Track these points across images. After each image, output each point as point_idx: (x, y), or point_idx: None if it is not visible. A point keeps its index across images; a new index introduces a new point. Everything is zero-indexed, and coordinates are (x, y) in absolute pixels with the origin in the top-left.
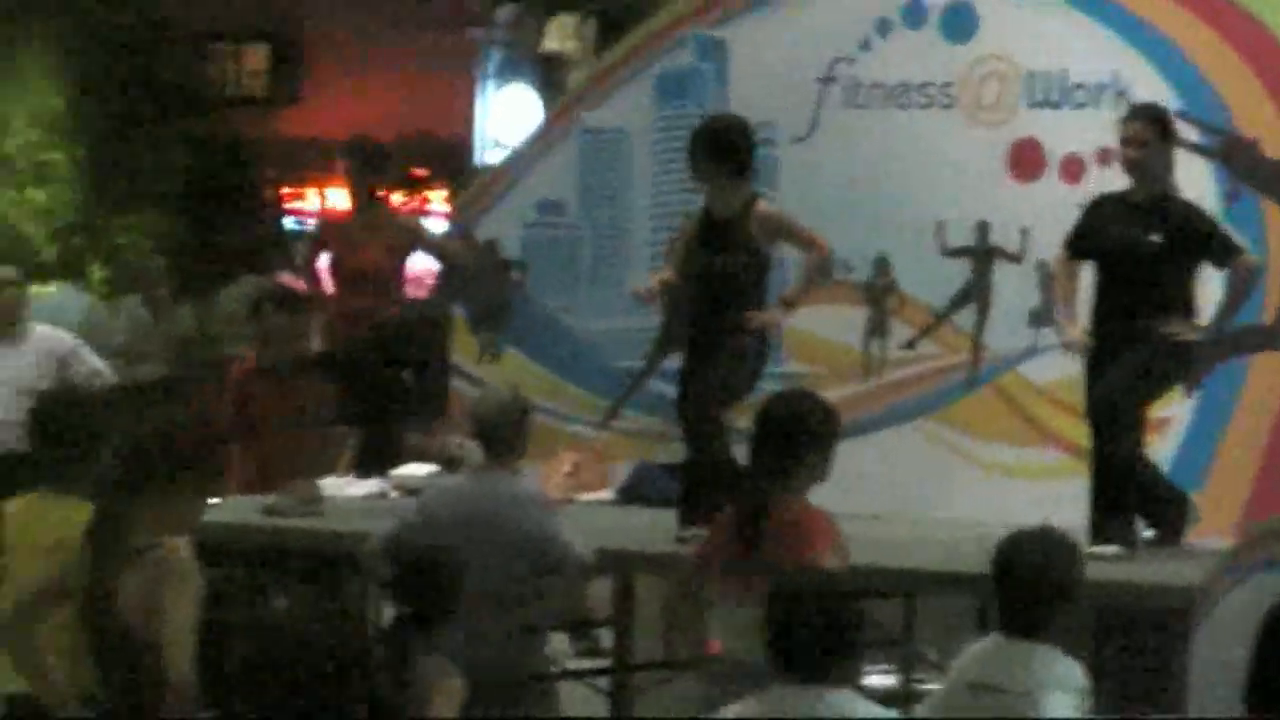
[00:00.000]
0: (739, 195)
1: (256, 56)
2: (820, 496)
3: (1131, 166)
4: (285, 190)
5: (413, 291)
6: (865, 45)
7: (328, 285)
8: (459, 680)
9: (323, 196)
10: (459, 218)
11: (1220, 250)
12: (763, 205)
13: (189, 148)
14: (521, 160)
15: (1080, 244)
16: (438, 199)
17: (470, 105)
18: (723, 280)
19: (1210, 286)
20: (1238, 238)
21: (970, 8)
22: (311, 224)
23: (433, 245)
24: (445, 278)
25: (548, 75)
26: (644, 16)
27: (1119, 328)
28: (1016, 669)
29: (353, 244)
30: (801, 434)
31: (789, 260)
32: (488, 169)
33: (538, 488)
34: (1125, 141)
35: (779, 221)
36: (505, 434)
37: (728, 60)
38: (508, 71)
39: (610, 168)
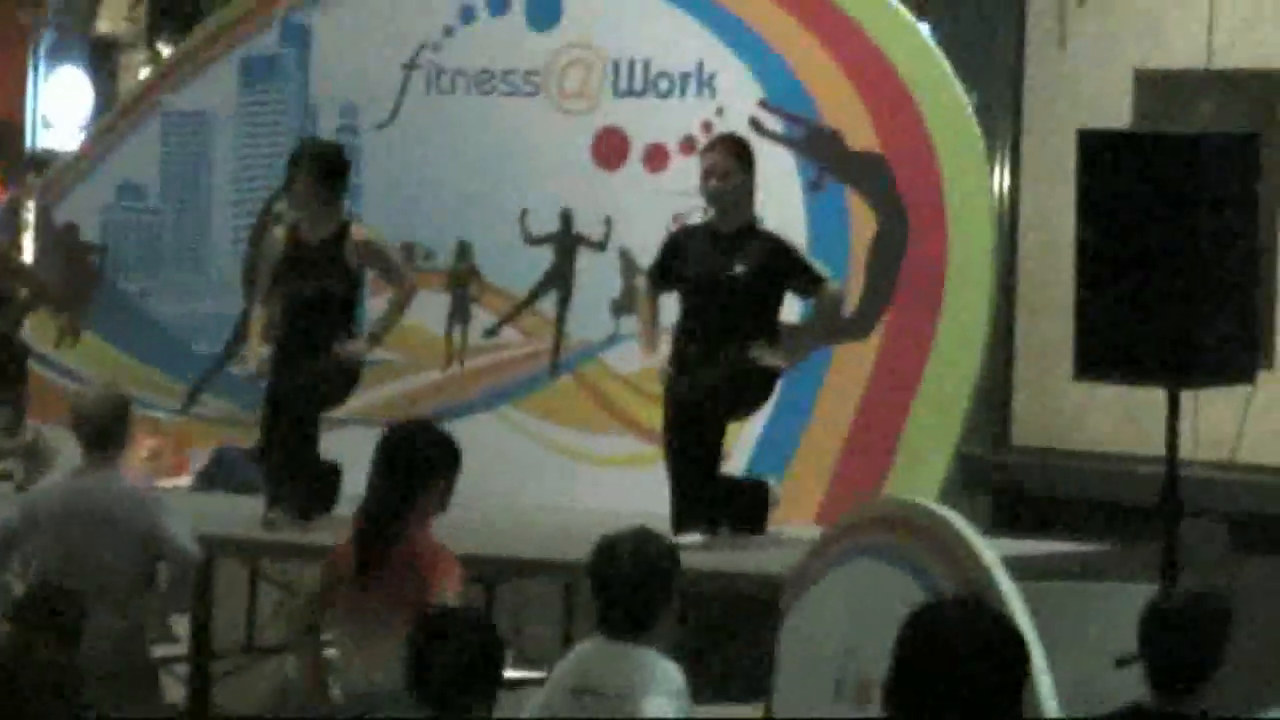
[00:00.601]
0: (333, 219)
1: None
2: None
3: (714, 197)
4: None
5: None
6: (449, 31)
7: None
8: None
9: None
10: (40, 199)
11: (805, 279)
12: (358, 230)
13: None
14: (100, 142)
15: (664, 274)
16: None
17: (22, 86)
18: (313, 305)
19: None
20: (821, 267)
21: None
22: None
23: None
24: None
25: (100, 57)
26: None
27: (702, 356)
28: (616, 671)
29: None
30: (421, 466)
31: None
32: (51, 152)
33: (145, 481)
34: (706, 173)
35: (374, 248)
36: (108, 430)
37: (312, 45)
38: (60, 53)
39: (192, 151)
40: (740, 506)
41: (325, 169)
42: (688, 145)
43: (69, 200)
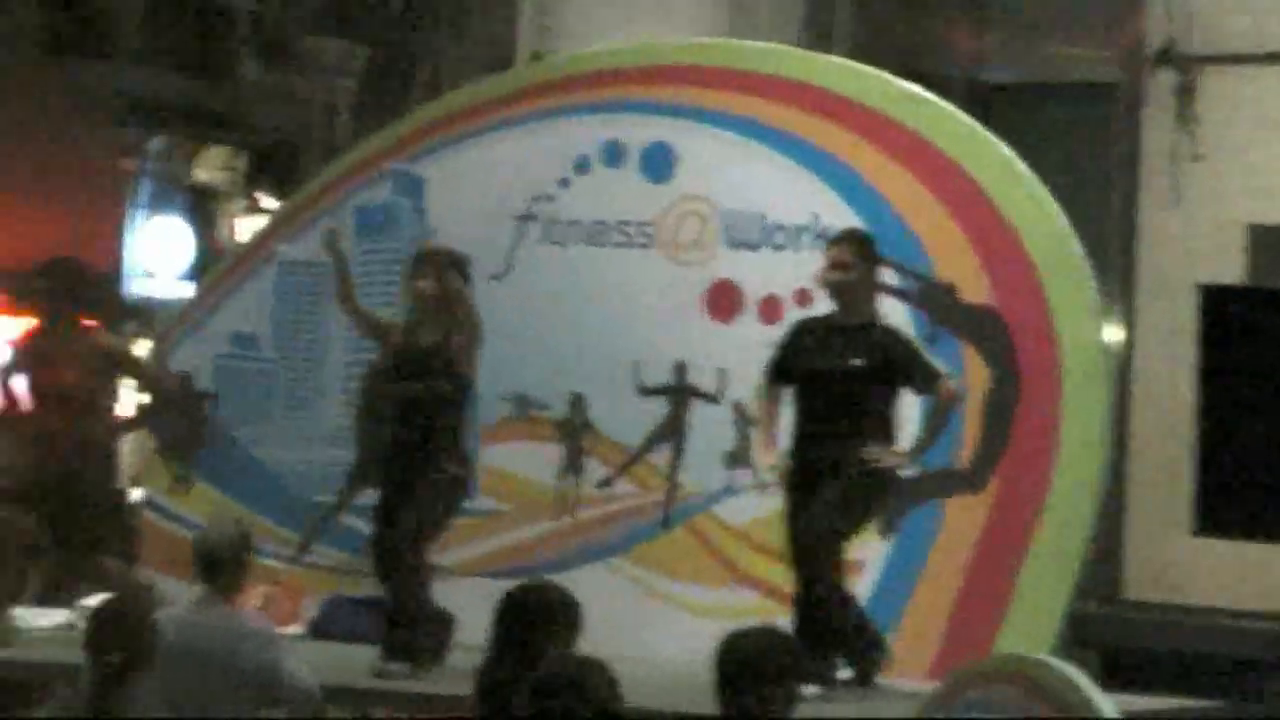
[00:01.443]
0: (442, 321)
1: None
2: None
3: (835, 290)
4: None
5: None
6: (564, 183)
7: (23, 403)
8: None
9: None
10: (155, 349)
11: (922, 375)
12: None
13: None
14: (214, 292)
15: (782, 367)
16: None
17: (120, 235)
18: (423, 408)
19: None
20: (938, 363)
21: (669, 148)
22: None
23: (134, 368)
24: (147, 406)
25: (199, 206)
26: (297, 150)
27: (820, 453)
28: None
29: (51, 363)
30: (543, 626)
31: None
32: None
33: (263, 620)
34: (830, 265)
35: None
36: (229, 566)
37: (425, 195)
38: (159, 201)
39: (306, 301)
40: (857, 648)
41: (456, 267)
42: (802, 297)
43: (183, 349)
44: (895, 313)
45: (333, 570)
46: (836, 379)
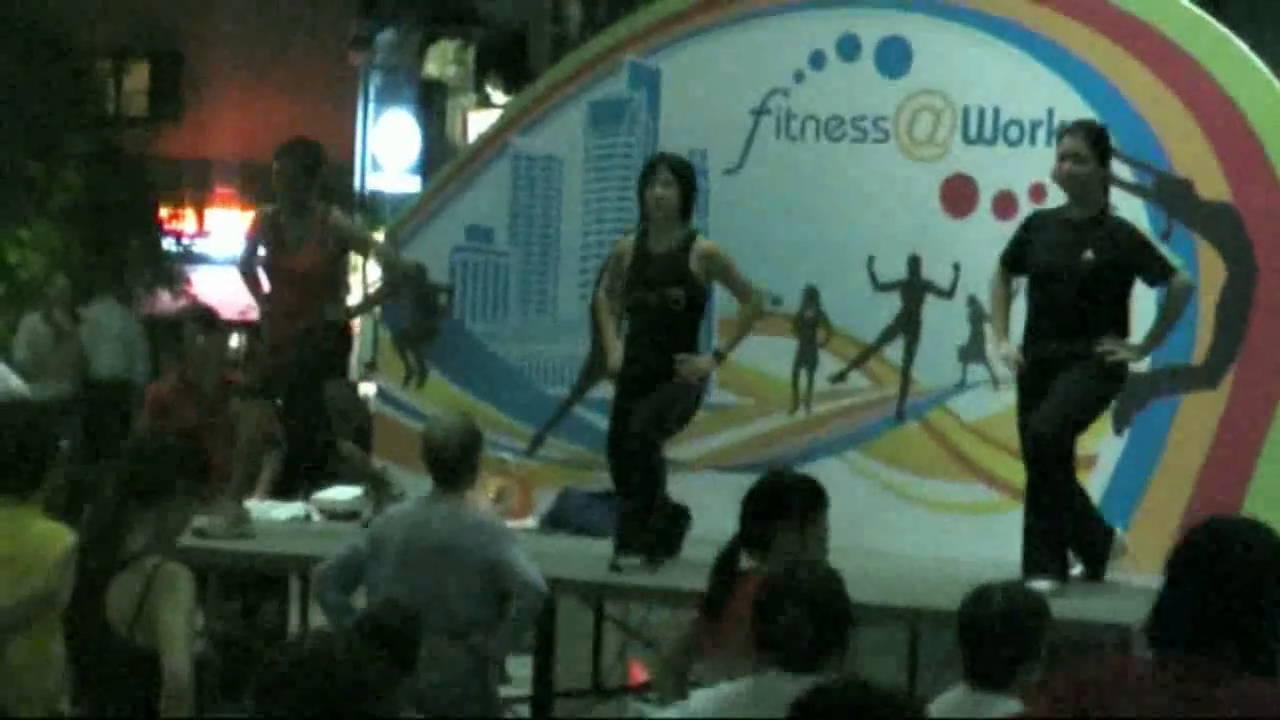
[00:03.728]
0: (680, 231)
1: (138, 75)
2: None
3: (1068, 180)
4: (165, 211)
5: None
6: (799, 77)
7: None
8: None
9: (201, 217)
10: (388, 240)
11: (1155, 268)
12: (704, 243)
13: (80, 164)
14: (450, 185)
15: (1015, 258)
16: None
17: (351, 127)
18: (660, 316)
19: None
20: (1172, 257)
21: (905, 42)
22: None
23: (367, 247)
24: (387, 288)
25: (428, 100)
26: (525, 44)
27: (1053, 347)
28: None
29: (287, 245)
30: (780, 507)
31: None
32: (379, 194)
33: (492, 514)
34: (1063, 155)
35: (720, 262)
36: (458, 461)
37: (661, 89)
38: (388, 95)
39: (541, 194)
40: (1090, 543)
41: (682, 177)
42: (1037, 192)
43: (418, 241)
44: (1131, 208)
45: (566, 463)
46: (1069, 273)
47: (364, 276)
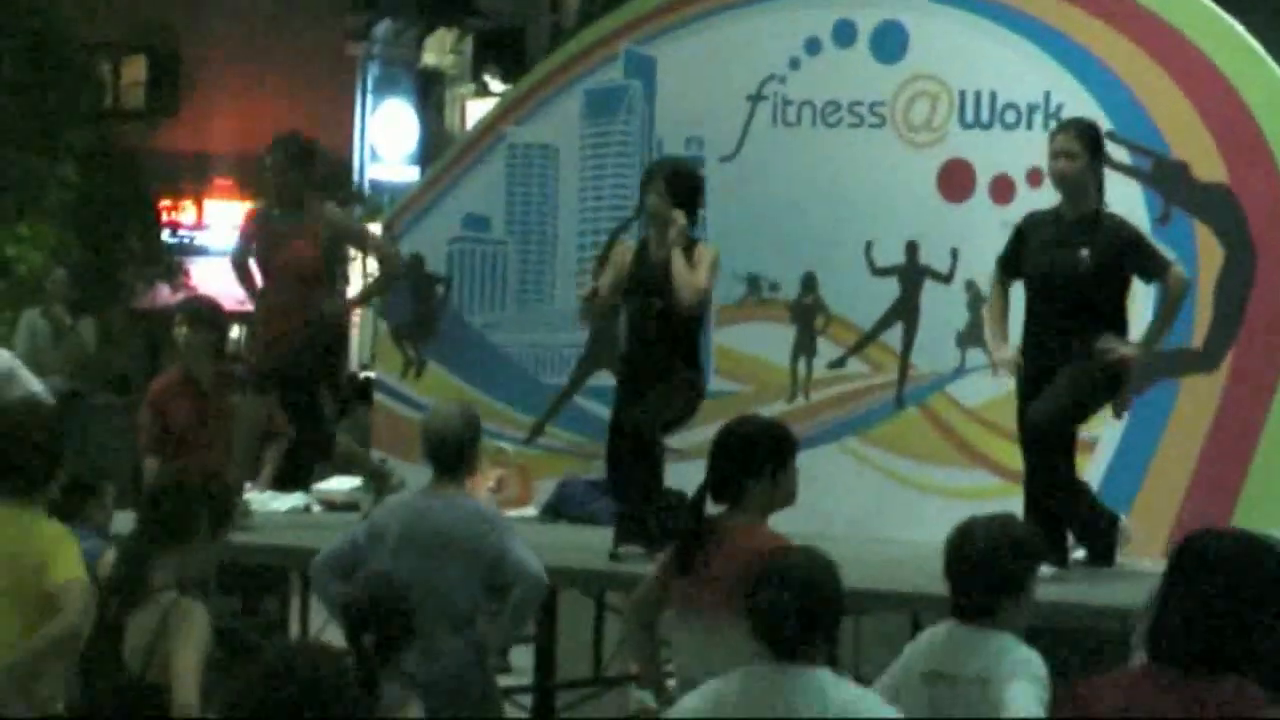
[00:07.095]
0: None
1: (135, 68)
2: None
3: (1061, 179)
4: (164, 203)
5: None
6: (795, 64)
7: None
8: (419, 704)
9: (200, 209)
10: (385, 232)
11: (1151, 265)
12: (702, 250)
13: (77, 159)
14: (446, 175)
15: (1012, 263)
16: None
17: (350, 118)
18: (660, 321)
19: (1140, 303)
20: (1167, 252)
21: (901, 27)
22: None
23: (361, 240)
24: (383, 280)
25: (426, 90)
26: (523, 33)
27: (1051, 347)
28: (970, 655)
29: (280, 239)
30: (749, 457)
31: None
32: (379, 184)
33: (491, 504)
34: (1055, 154)
35: (712, 268)
36: (457, 451)
37: (656, 77)
38: (386, 86)
39: (537, 183)
40: (1091, 530)
41: (672, 184)
42: (1034, 176)
43: (415, 232)
44: (1128, 192)
45: (565, 452)
46: (1066, 273)
47: (363, 268)
